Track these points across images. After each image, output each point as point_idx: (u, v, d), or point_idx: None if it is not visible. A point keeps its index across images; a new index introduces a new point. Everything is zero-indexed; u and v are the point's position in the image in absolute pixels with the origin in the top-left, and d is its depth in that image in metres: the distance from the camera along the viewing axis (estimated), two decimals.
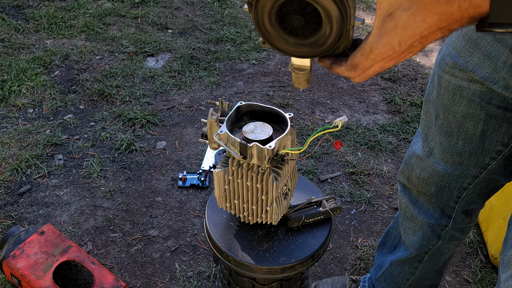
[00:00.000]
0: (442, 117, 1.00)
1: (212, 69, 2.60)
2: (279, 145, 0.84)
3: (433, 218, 1.16)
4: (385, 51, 0.55)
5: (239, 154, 0.84)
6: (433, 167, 1.07)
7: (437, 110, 1.01)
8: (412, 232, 1.22)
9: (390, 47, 0.55)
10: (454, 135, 1.00)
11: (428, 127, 1.07)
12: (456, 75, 0.92)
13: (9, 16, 2.92)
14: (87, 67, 2.57)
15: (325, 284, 1.59)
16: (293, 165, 0.95)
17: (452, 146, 1.01)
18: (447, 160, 1.04)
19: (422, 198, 1.16)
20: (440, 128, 1.02)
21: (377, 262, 1.41)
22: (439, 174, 1.07)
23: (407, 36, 0.53)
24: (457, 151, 1.02)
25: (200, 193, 1.93)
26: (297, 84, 0.71)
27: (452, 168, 1.05)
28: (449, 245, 1.22)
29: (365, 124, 2.30)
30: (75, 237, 1.74)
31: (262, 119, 0.92)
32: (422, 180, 1.12)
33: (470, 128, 0.97)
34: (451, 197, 1.11)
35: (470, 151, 1.00)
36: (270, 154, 0.82)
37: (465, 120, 0.96)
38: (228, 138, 0.85)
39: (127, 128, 2.20)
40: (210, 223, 1.00)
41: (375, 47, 0.56)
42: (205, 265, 1.67)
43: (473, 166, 1.03)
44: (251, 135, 0.86)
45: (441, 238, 1.18)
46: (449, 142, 1.01)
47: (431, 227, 1.17)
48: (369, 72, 0.60)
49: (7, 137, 2.10)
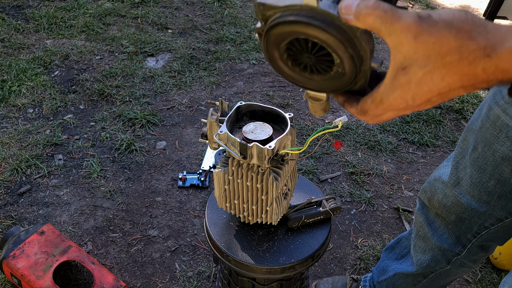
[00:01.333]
0: (479, 151, 0.94)
1: (212, 69, 2.60)
2: (279, 145, 0.84)
3: (447, 243, 1.12)
4: (396, 104, 0.51)
5: (239, 154, 0.84)
6: (458, 198, 1.03)
7: (476, 141, 0.95)
8: (422, 251, 1.19)
9: (402, 100, 0.50)
10: (487, 173, 0.94)
11: (462, 156, 1.01)
12: (509, 112, 0.85)
13: (9, 16, 2.92)
14: (87, 67, 2.57)
15: (326, 283, 1.58)
16: (293, 165, 0.95)
17: (483, 184, 0.96)
18: (474, 195, 0.99)
19: (439, 221, 1.12)
20: (475, 161, 0.96)
21: (382, 265, 1.40)
22: (462, 206, 1.03)
23: (423, 92, 0.48)
24: (487, 189, 0.97)
25: (200, 193, 1.93)
26: (313, 111, 0.65)
27: (478, 204, 1.00)
28: (457, 270, 1.18)
29: (365, 124, 2.30)
30: (75, 237, 1.74)
31: (262, 119, 0.92)
32: (443, 206, 1.08)
33: (506, 171, 0.91)
34: (469, 230, 1.06)
35: (501, 194, 0.95)
36: (270, 154, 0.82)
37: (503, 162, 0.91)
38: (228, 138, 0.85)
39: (127, 128, 2.20)
40: (210, 223, 1.00)
41: (386, 98, 0.51)
42: (205, 265, 1.67)
43: (500, 209, 0.98)
44: (251, 135, 0.86)
45: (450, 263, 1.14)
46: (480, 178, 0.96)
47: (443, 251, 1.13)
48: (382, 118, 0.55)
49: (7, 137, 2.10)
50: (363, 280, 1.51)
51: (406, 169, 2.08)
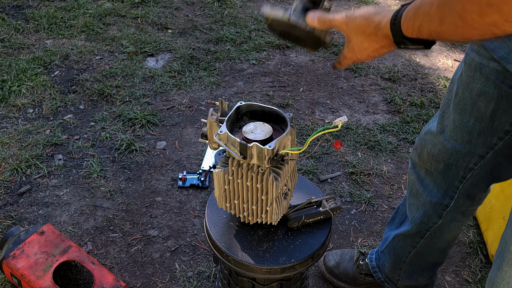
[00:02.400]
0: (460, 94, 1.06)
1: (212, 69, 2.60)
2: (279, 145, 0.84)
3: (436, 197, 1.22)
4: (352, 57, 0.86)
5: (239, 154, 0.84)
6: (443, 144, 1.13)
7: (457, 87, 1.07)
8: (416, 209, 1.29)
9: (354, 55, 0.85)
10: (467, 113, 1.06)
11: (447, 106, 1.12)
12: (481, 53, 0.99)
13: (9, 16, 2.92)
14: (87, 67, 2.57)
15: (335, 255, 1.64)
16: (293, 165, 0.95)
17: (464, 124, 1.07)
18: (456, 138, 1.10)
19: (429, 178, 1.22)
20: (457, 105, 1.07)
21: (385, 236, 1.48)
22: (448, 151, 1.13)
23: (361, 50, 0.83)
24: (468, 129, 1.07)
25: (200, 193, 1.93)
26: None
27: (461, 146, 1.10)
28: (449, 225, 1.27)
29: (365, 124, 2.30)
30: (75, 237, 1.74)
31: (262, 119, 0.92)
32: (432, 156, 1.17)
33: (482, 106, 1.02)
34: (456, 177, 1.16)
35: (480, 130, 1.06)
36: (270, 154, 0.82)
37: (479, 98, 1.02)
38: (228, 138, 0.85)
39: (127, 128, 2.20)
40: (210, 223, 1.00)
41: (347, 55, 0.87)
42: (205, 265, 1.67)
43: (481, 145, 1.08)
44: (251, 135, 0.86)
45: (442, 218, 1.24)
46: (461, 119, 1.07)
47: (433, 206, 1.23)
48: (350, 62, 0.88)
49: (7, 137, 2.10)
50: (370, 253, 1.58)
51: (406, 169, 2.08)
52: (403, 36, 0.73)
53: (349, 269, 1.59)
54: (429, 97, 2.48)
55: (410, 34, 0.71)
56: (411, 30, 0.71)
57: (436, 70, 2.73)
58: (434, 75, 2.68)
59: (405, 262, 1.41)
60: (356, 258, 1.60)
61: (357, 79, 2.61)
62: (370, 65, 2.71)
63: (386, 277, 1.51)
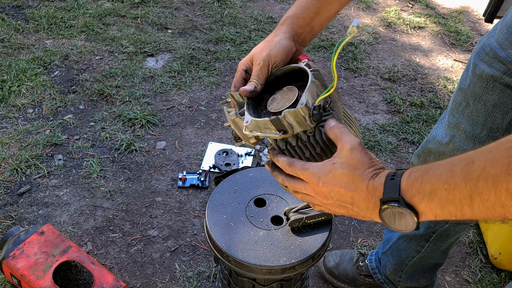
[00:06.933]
0: (472, 105, 1.03)
1: (212, 69, 2.60)
2: (311, 97, 0.72)
3: None
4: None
5: (279, 132, 0.74)
6: (452, 154, 1.10)
7: (467, 98, 1.04)
8: None
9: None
10: (479, 124, 1.03)
11: (453, 115, 1.10)
12: (494, 65, 0.97)
13: (9, 16, 2.91)
14: (87, 67, 2.57)
15: (334, 255, 1.64)
16: (342, 108, 0.82)
17: (476, 136, 1.05)
18: (467, 148, 1.07)
19: None
20: (469, 116, 1.05)
21: (386, 237, 1.47)
22: None
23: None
24: (480, 140, 1.05)
25: (200, 193, 1.92)
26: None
27: None
28: (456, 228, 1.26)
29: (365, 124, 2.30)
30: (75, 237, 1.74)
31: (279, 86, 0.81)
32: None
33: (498, 117, 1.01)
34: None
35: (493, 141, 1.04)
36: (306, 111, 0.71)
37: (494, 109, 1.00)
38: (257, 124, 0.75)
39: (127, 128, 2.20)
40: (211, 223, 1.00)
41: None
42: (205, 265, 1.67)
43: None
44: (277, 107, 0.75)
45: (448, 221, 1.21)
46: (473, 130, 1.05)
47: None
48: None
49: (7, 137, 2.10)
50: (369, 254, 1.57)
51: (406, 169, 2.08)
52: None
53: (349, 270, 1.59)
54: (429, 97, 2.48)
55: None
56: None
57: (436, 70, 2.73)
58: (434, 75, 2.68)
59: (407, 264, 1.40)
60: (355, 259, 1.60)
61: (357, 79, 2.61)
62: (370, 65, 2.71)
63: (386, 279, 1.51)
